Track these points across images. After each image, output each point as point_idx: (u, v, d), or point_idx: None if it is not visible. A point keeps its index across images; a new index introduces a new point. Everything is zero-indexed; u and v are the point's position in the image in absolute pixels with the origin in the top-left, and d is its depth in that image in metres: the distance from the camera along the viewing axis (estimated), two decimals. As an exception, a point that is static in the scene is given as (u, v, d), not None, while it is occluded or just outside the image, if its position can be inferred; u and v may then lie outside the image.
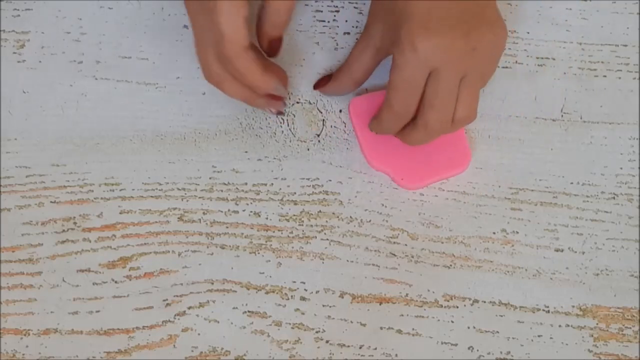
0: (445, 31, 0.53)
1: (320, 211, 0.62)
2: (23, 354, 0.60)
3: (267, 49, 0.60)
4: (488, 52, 0.55)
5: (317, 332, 0.60)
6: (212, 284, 0.61)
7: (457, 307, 0.61)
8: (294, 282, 0.61)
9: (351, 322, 0.60)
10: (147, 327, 0.60)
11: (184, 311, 0.60)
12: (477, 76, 0.55)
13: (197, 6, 0.55)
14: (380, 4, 0.57)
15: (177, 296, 0.61)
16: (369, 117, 0.60)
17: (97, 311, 0.60)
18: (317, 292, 0.61)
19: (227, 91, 0.58)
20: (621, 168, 0.63)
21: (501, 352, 0.60)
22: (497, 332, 0.60)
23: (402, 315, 0.60)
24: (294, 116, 0.64)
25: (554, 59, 0.64)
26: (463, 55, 0.53)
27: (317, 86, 0.63)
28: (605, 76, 0.64)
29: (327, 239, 0.62)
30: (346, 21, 0.65)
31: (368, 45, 0.58)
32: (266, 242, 0.62)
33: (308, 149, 0.63)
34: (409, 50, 0.53)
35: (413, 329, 0.60)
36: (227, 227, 0.62)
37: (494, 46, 0.55)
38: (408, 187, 0.62)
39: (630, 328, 0.60)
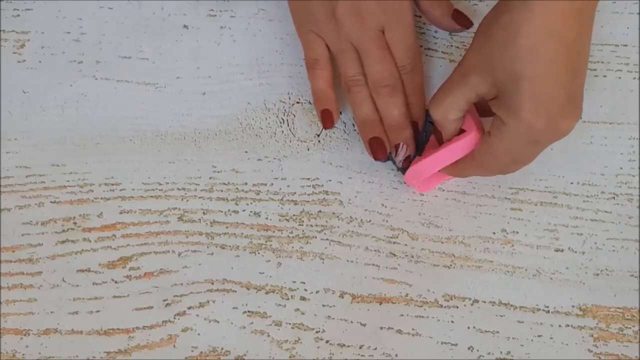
0: (561, 114, 0.52)
1: (320, 211, 0.62)
2: (23, 354, 0.60)
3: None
4: None
5: (317, 332, 0.60)
6: (212, 284, 0.61)
7: (457, 307, 0.61)
8: (294, 282, 0.61)
9: (351, 322, 0.60)
10: (147, 327, 0.60)
11: (184, 311, 0.60)
12: None
13: None
14: (491, 62, 0.53)
15: (177, 296, 0.61)
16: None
17: (97, 311, 0.60)
18: (317, 292, 0.61)
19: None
20: (621, 168, 0.63)
21: (501, 352, 0.60)
22: (497, 332, 0.60)
23: (402, 315, 0.60)
24: (294, 116, 0.64)
25: (554, 59, 0.64)
26: (565, 135, 0.54)
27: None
28: (605, 76, 0.64)
29: (327, 239, 0.62)
30: (346, 21, 0.65)
31: (470, 97, 0.55)
32: (266, 242, 0.62)
33: (308, 149, 0.63)
34: (526, 128, 0.52)
35: (413, 329, 0.60)
36: (227, 227, 0.62)
37: None
38: (419, 190, 0.62)
39: (630, 328, 0.60)
